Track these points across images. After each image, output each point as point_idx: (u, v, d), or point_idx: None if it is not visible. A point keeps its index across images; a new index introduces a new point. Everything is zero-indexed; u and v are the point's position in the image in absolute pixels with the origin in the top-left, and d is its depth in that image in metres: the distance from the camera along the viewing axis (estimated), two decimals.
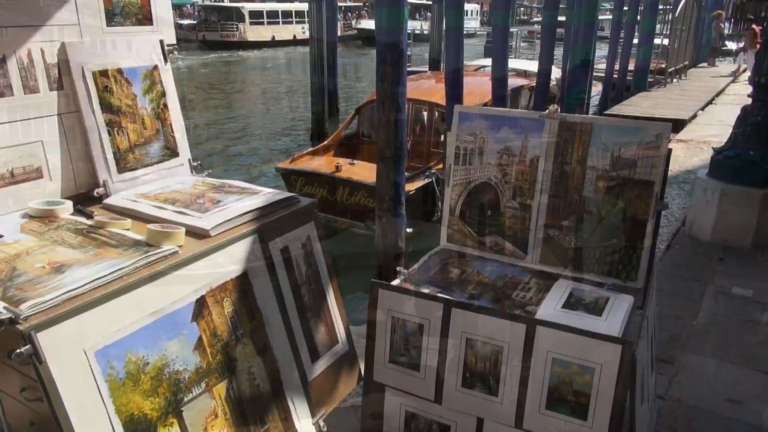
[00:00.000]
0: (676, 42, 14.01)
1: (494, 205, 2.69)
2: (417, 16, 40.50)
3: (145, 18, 2.37)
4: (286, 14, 39.43)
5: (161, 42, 2.40)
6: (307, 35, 22.48)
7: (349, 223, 7.53)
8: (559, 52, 11.25)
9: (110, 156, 2.23)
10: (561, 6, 11.87)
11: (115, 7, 2.26)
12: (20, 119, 2.03)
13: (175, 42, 2.48)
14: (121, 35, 2.29)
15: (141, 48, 2.33)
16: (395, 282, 2.46)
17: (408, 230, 7.22)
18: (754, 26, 14.68)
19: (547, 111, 2.60)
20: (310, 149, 8.99)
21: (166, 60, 2.41)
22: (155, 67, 2.38)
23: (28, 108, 2.05)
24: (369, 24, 39.80)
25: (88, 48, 2.17)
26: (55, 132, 2.13)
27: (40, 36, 2.05)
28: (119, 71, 2.26)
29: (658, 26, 14.61)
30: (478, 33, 46.68)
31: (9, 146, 2.01)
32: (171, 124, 2.45)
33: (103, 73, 2.20)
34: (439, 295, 2.31)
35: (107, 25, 2.25)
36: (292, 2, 41.81)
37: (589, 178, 2.39)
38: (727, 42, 16.74)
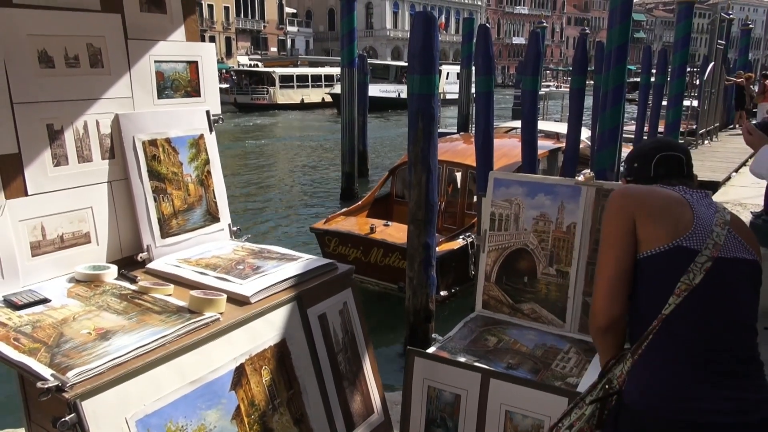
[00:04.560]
0: (706, 103, 14.04)
1: (531, 271, 2.66)
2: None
3: (193, 90, 2.48)
4: (316, 78, 40.75)
5: (207, 112, 2.51)
6: None
7: (383, 284, 7.49)
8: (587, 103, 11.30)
9: (155, 222, 2.29)
10: (589, 69, 12.03)
11: (166, 80, 2.38)
12: (73, 186, 2.11)
13: (220, 112, 2.58)
14: (171, 107, 2.40)
15: (189, 118, 2.44)
16: (431, 349, 2.43)
17: (442, 293, 7.13)
18: (766, 82, 14.93)
19: (582, 177, 2.61)
20: (344, 209, 9.03)
21: (211, 129, 2.50)
22: (201, 136, 2.47)
23: (81, 176, 2.14)
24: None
25: (139, 119, 2.27)
26: (104, 198, 2.21)
27: (97, 108, 2.16)
28: (167, 140, 2.35)
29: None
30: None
31: (61, 212, 2.08)
32: (213, 190, 2.52)
33: (152, 143, 2.30)
34: (477, 364, 2.27)
35: (158, 98, 2.36)
36: (323, 66, 43.11)
37: None
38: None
